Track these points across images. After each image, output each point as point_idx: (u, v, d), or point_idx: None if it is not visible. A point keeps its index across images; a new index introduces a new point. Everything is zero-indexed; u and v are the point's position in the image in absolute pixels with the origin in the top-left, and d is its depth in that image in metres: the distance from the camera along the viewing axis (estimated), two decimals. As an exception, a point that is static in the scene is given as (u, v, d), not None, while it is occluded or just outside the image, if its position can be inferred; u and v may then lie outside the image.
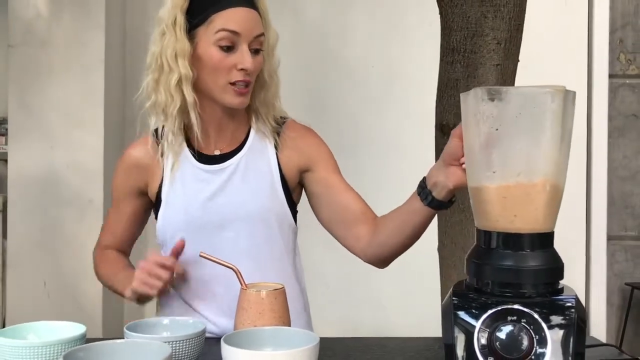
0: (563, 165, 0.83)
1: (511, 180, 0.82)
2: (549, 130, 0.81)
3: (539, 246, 0.82)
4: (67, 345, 0.83)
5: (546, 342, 0.80)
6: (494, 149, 0.82)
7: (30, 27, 2.64)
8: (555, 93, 0.80)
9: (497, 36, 1.52)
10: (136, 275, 1.13)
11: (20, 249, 2.65)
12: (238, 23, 1.12)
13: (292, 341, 0.86)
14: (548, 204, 0.82)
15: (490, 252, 0.84)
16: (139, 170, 1.24)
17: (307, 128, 1.29)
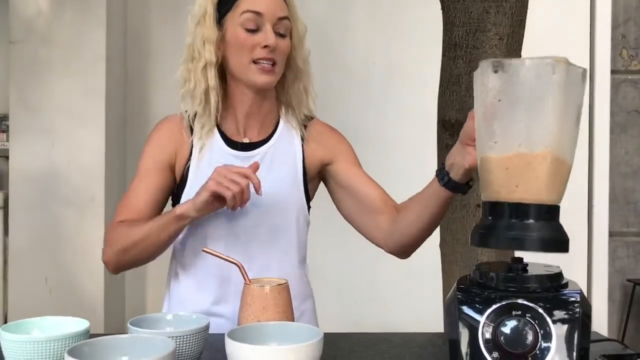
0: (567, 138, 0.82)
1: (512, 150, 0.82)
2: (550, 101, 0.80)
3: (542, 217, 0.82)
4: (71, 340, 0.83)
5: (551, 337, 0.80)
6: (496, 120, 0.83)
7: (31, 24, 2.64)
8: (557, 64, 0.80)
9: (499, 32, 1.52)
10: (212, 177, 1.09)
11: (21, 246, 2.65)
12: (261, 5, 1.19)
13: (296, 336, 0.86)
14: (550, 176, 0.81)
15: (494, 222, 0.84)
16: (172, 142, 1.26)
17: (332, 127, 1.36)
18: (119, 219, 1.23)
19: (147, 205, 1.23)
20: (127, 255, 1.19)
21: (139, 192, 1.24)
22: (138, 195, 1.24)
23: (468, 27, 1.53)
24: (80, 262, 2.64)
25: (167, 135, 1.26)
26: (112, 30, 2.71)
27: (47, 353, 0.82)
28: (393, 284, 2.73)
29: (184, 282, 1.26)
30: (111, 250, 1.20)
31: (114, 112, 2.74)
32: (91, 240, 2.63)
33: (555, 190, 0.83)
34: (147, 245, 1.17)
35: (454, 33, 1.55)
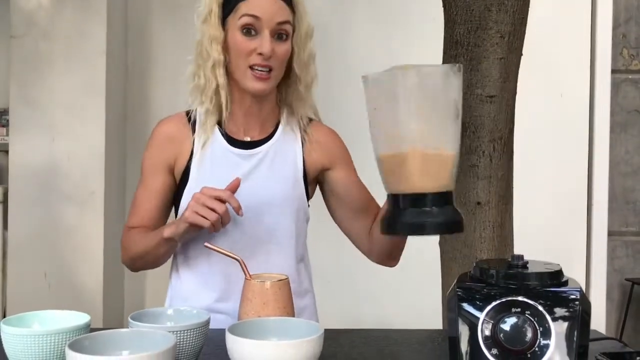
0: (437, 134, 0.90)
1: (390, 150, 0.91)
2: (406, 104, 0.89)
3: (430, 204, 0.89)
4: (71, 334, 0.83)
5: (550, 334, 0.80)
6: (375, 126, 0.93)
7: (32, 19, 2.64)
8: (404, 71, 0.89)
9: (500, 30, 1.51)
10: (190, 205, 1.10)
11: (21, 240, 2.65)
12: (260, 9, 1.19)
13: (296, 332, 0.87)
14: (424, 170, 0.89)
15: (394, 212, 0.92)
16: (172, 145, 1.26)
17: (332, 130, 1.36)
18: (130, 224, 1.29)
19: (152, 210, 1.27)
20: (138, 263, 1.27)
21: (144, 198, 1.28)
22: (143, 200, 1.28)
23: (469, 24, 1.53)
24: (80, 257, 2.64)
25: (165, 138, 1.27)
26: (113, 26, 2.71)
27: (48, 347, 0.82)
28: (392, 281, 2.74)
29: (185, 279, 1.26)
30: (126, 256, 1.29)
31: (114, 108, 2.74)
32: (91, 235, 2.63)
33: (435, 180, 0.90)
34: (151, 258, 1.23)
35: (455, 31, 1.55)
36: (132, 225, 1.28)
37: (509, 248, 1.61)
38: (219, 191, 1.10)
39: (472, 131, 1.53)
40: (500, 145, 1.53)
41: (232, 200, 1.11)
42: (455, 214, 0.90)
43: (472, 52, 1.52)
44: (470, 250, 1.59)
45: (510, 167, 1.59)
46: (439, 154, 0.89)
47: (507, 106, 1.54)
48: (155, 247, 1.20)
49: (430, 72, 0.91)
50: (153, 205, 1.27)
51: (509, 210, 1.60)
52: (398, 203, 0.90)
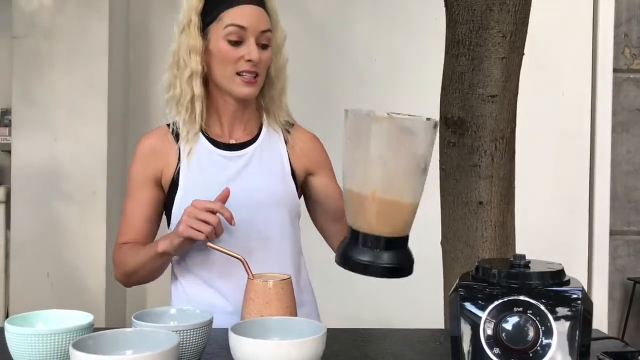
0: (400, 182, 0.92)
1: (352, 187, 0.93)
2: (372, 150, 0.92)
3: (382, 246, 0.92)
4: (75, 333, 0.84)
5: (552, 334, 0.80)
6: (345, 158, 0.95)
7: (33, 19, 2.64)
8: (375, 119, 0.92)
9: (502, 29, 1.51)
10: (182, 220, 1.11)
11: (23, 240, 2.66)
12: (245, 19, 1.21)
13: (299, 331, 0.87)
14: (381, 214, 0.91)
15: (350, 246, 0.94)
16: (156, 158, 1.27)
17: (314, 135, 1.39)
18: (120, 240, 1.30)
19: (142, 223, 1.29)
20: (132, 278, 1.28)
21: (133, 213, 1.29)
22: (132, 215, 1.29)
23: (471, 24, 1.53)
24: (82, 257, 2.64)
25: (148, 153, 1.28)
26: (115, 25, 2.71)
27: (52, 346, 0.82)
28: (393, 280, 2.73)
29: (187, 278, 1.27)
30: (118, 272, 1.30)
31: (116, 107, 2.74)
32: (93, 235, 2.64)
33: (391, 225, 0.92)
34: (145, 272, 1.25)
35: (457, 30, 1.55)
36: (123, 241, 1.29)
37: (510, 248, 1.61)
38: (210, 203, 1.12)
39: (473, 131, 1.53)
40: (502, 145, 1.53)
41: (224, 211, 1.12)
42: (407, 259, 0.94)
43: (474, 51, 1.52)
44: (472, 250, 1.59)
45: (512, 166, 1.59)
46: (398, 201, 0.91)
47: (508, 105, 1.54)
48: (149, 262, 1.21)
49: (403, 126, 0.93)
50: (142, 218, 1.28)
51: (510, 209, 1.60)
52: (354, 237, 0.93)
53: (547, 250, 2.31)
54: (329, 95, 2.73)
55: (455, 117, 1.57)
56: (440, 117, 1.64)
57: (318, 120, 1.41)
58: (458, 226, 1.61)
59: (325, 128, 1.41)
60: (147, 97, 2.89)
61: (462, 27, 1.54)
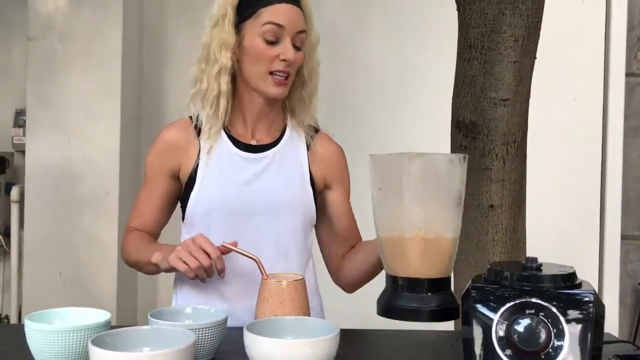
0: (439, 220, 0.92)
1: (390, 233, 0.93)
2: (408, 190, 0.91)
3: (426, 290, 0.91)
4: (93, 330, 0.85)
5: (564, 336, 0.81)
6: (379, 206, 0.95)
7: (49, 21, 2.67)
8: (411, 158, 0.92)
9: (514, 33, 1.52)
10: (177, 249, 1.11)
11: (36, 240, 2.68)
12: (283, 17, 1.19)
13: (312, 331, 0.88)
14: (424, 255, 0.91)
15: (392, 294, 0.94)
16: (175, 152, 1.27)
17: (339, 147, 1.37)
18: (131, 225, 1.33)
19: (153, 212, 1.30)
20: (135, 267, 1.31)
21: (146, 200, 1.30)
22: (145, 203, 1.31)
23: (483, 28, 1.54)
24: (94, 257, 2.67)
25: (168, 146, 1.28)
26: (129, 27, 2.73)
27: (71, 343, 0.84)
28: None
29: (190, 281, 1.26)
30: (123, 255, 1.33)
31: (129, 109, 2.77)
32: (105, 235, 2.66)
33: (434, 266, 0.91)
34: (144, 269, 1.27)
35: (469, 34, 1.56)
36: (134, 226, 1.31)
37: (521, 251, 1.61)
38: (209, 247, 1.10)
39: (485, 134, 1.53)
40: (513, 149, 1.54)
41: (218, 262, 1.11)
42: (452, 300, 0.92)
43: (486, 55, 1.53)
44: (483, 254, 1.59)
45: (524, 170, 1.59)
46: (440, 239, 0.91)
47: (520, 109, 1.55)
48: (144, 264, 1.24)
49: (435, 161, 0.94)
50: (154, 208, 1.29)
51: (521, 213, 1.60)
52: (395, 285, 0.92)
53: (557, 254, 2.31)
54: (341, 99, 2.74)
55: (467, 121, 1.58)
56: (452, 120, 1.64)
57: (330, 124, 1.41)
58: (469, 229, 1.62)
59: (338, 131, 1.41)
60: (160, 98, 2.91)
61: (474, 30, 1.55)
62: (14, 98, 3.06)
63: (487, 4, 1.52)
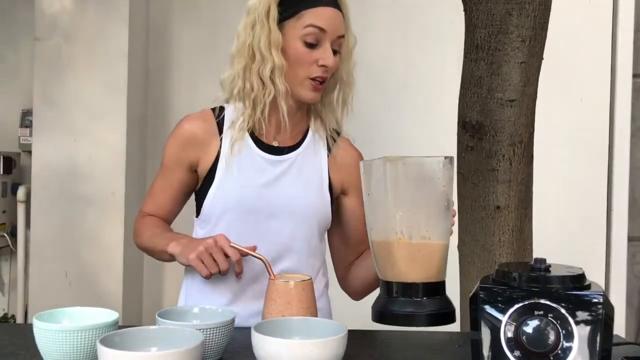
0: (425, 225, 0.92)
1: (378, 238, 0.93)
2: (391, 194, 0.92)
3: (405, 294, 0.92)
4: (101, 330, 0.86)
5: (573, 337, 0.80)
6: (367, 211, 0.95)
7: (55, 21, 2.68)
8: (387, 162, 0.91)
9: (521, 34, 1.52)
10: (198, 249, 1.11)
11: (42, 239, 2.69)
12: (326, 21, 1.17)
13: (320, 331, 0.88)
14: (410, 260, 0.91)
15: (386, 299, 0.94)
16: (195, 145, 1.25)
17: (359, 152, 1.36)
18: (145, 210, 1.32)
19: (167, 201, 1.30)
20: (146, 252, 1.31)
21: (161, 188, 1.30)
22: (160, 192, 1.30)
23: (490, 29, 1.53)
24: (100, 257, 2.67)
25: (189, 138, 1.25)
26: (135, 28, 2.74)
27: (79, 342, 0.84)
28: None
29: (199, 280, 1.27)
30: (136, 240, 1.32)
31: (135, 108, 2.77)
32: (111, 235, 2.67)
33: (423, 270, 0.91)
34: (157, 256, 1.27)
35: (476, 35, 1.56)
36: (147, 211, 1.31)
37: (528, 252, 1.61)
38: (231, 250, 1.10)
39: (492, 135, 1.53)
40: (520, 149, 1.54)
41: (237, 266, 1.11)
42: (446, 305, 0.93)
43: (493, 56, 1.53)
44: (489, 255, 1.59)
45: (530, 171, 1.59)
46: (426, 244, 0.91)
47: (527, 110, 1.54)
48: (159, 252, 1.23)
49: (418, 164, 0.93)
50: (168, 196, 1.29)
51: (528, 214, 1.60)
52: (389, 290, 0.92)
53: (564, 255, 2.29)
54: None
55: (473, 122, 1.58)
56: (459, 121, 1.64)
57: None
58: (475, 230, 1.61)
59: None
60: (166, 98, 2.92)
61: (481, 31, 1.54)
62: (21, 98, 3.07)
63: (494, 5, 1.52)
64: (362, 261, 1.29)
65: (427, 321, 0.91)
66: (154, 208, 1.31)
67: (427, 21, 2.78)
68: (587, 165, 2.71)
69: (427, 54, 2.79)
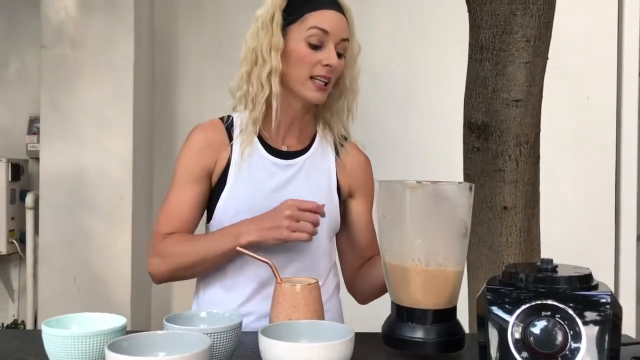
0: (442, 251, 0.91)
1: (394, 261, 0.92)
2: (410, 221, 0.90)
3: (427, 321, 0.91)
4: (109, 335, 0.86)
5: (581, 338, 0.80)
6: (382, 232, 0.95)
7: (61, 29, 2.70)
8: (408, 188, 0.90)
9: (526, 34, 1.51)
10: (284, 224, 1.12)
11: (51, 245, 2.71)
12: (329, 23, 1.20)
13: (327, 334, 0.88)
14: (425, 286, 0.90)
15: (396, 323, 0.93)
16: (210, 151, 1.25)
17: (367, 158, 1.37)
18: (166, 230, 1.24)
19: (190, 215, 1.25)
20: (181, 274, 1.24)
21: (181, 203, 1.25)
22: (180, 206, 1.25)
23: (495, 29, 1.53)
24: (108, 263, 2.69)
25: (204, 144, 1.25)
26: (140, 35, 2.76)
27: (88, 347, 0.84)
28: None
29: (213, 282, 1.28)
30: (163, 266, 1.23)
31: (142, 115, 2.79)
32: (119, 241, 2.68)
33: (437, 297, 0.90)
34: (203, 267, 1.22)
35: (480, 35, 1.56)
36: (167, 231, 1.24)
37: (535, 253, 1.60)
38: (310, 204, 1.14)
39: (497, 135, 1.53)
40: (526, 149, 1.53)
41: (320, 209, 1.15)
42: (457, 331, 0.92)
43: (498, 56, 1.53)
44: (497, 256, 1.59)
45: (537, 171, 1.58)
46: (443, 271, 0.90)
47: (533, 110, 1.54)
48: (216, 256, 1.19)
49: (438, 191, 0.92)
50: (191, 210, 1.25)
51: (535, 214, 1.59)
52: (399, 313, 0.91)
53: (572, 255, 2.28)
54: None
55: (479, 122, 1.57)
56: (464, 121, 1.64)
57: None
58: (483, 231, 1.61)
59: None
60: (172, 105, 2.93)
61: (485, 32, 1.54)
62: (28, 105, 3.10)
63: (498, 5, 1.52)
64: (371, 268, 1.29)
65: (436, 349, 0.91)
66: (174, 225, 1.24)
67: (431, 22, 2.79)
68: (594, 164, 2.70)
69: (431, 55, 2.79)
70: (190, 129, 1.30)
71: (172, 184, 1.27)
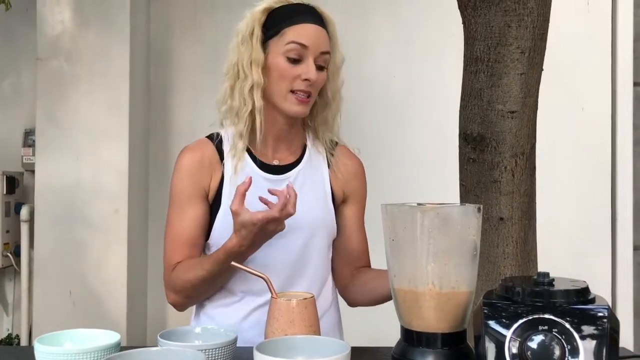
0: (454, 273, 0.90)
1: (404, 285, 0.91)
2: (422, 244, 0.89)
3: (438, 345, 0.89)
4: (103, 352, 0.85)
5: (578, 352, 0.79)
6: (392, 256, 0.93)
7: (57, 41, 2.70)
8: (419, 211, 0.89)
9: (521, 45, 1.52)
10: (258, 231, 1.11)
11: (46, 258, 2.69)
12: (307, 37, 1.20)
13: (324, 350, 0.87)
14: (439, 310, 0.89)
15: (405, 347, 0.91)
16: (204, 172, 1.25)
17: (360, 162, 1.37)
18: (174, 260, 1.23)
19: (195, 238, 1.25)
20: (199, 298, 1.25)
21: (184, 228, 1.23)
22: (184, 231, 1.23)
23: (489, 41, 1.54)
24: (104, 276, 2.67)
25: (197, 166, 1.25)
26: (136, 47, 2.76)
27: (81, 365, 0.84)
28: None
29: (210, 298, 1.27)
30: (180, 299, 1.24)
31: (138, 126, 2.78)
32: (114, 254, 2.66)
33: (449, 320, 0.90)
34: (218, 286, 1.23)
35: (475, 47, 1.56)
36: (177, 260, 1.23)
37: (532, 264, 1.60)
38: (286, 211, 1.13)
39: (493, 147, 1.53)
40: (522, 161, 1.53)
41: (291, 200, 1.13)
42: (467, 354, 0.91)
43: (493, 68, 1.53)
44: (494, 267, 1.58)
45: (533, 182, 1.58)
46: (455, 293, 0.90)
47: (528, 121, 1.54)
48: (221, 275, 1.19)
49: (449, 213, 0.92)
50: (193, 234, 1.23)
51: (532, 225, 1.59)
52: (410, 338, 0.90)
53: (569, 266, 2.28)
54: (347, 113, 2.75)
55: (474, 134, 1.57)
56: (460, 133, 1.64)
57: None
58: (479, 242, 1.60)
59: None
60: (168, 117, 2.93)
61: (480, 43, 1.55)
62: (23, 118, 3.09)
63: (492, 17, 1.52)
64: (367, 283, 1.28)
65: None
66: (181, 252, 1.24)
67: (427, 34, 2.80)
68: (590, 175, 2.71)
69: (427, 67, 2.79)
70: (186, 140, 1.30)
71: (169, 212, 1.26)
